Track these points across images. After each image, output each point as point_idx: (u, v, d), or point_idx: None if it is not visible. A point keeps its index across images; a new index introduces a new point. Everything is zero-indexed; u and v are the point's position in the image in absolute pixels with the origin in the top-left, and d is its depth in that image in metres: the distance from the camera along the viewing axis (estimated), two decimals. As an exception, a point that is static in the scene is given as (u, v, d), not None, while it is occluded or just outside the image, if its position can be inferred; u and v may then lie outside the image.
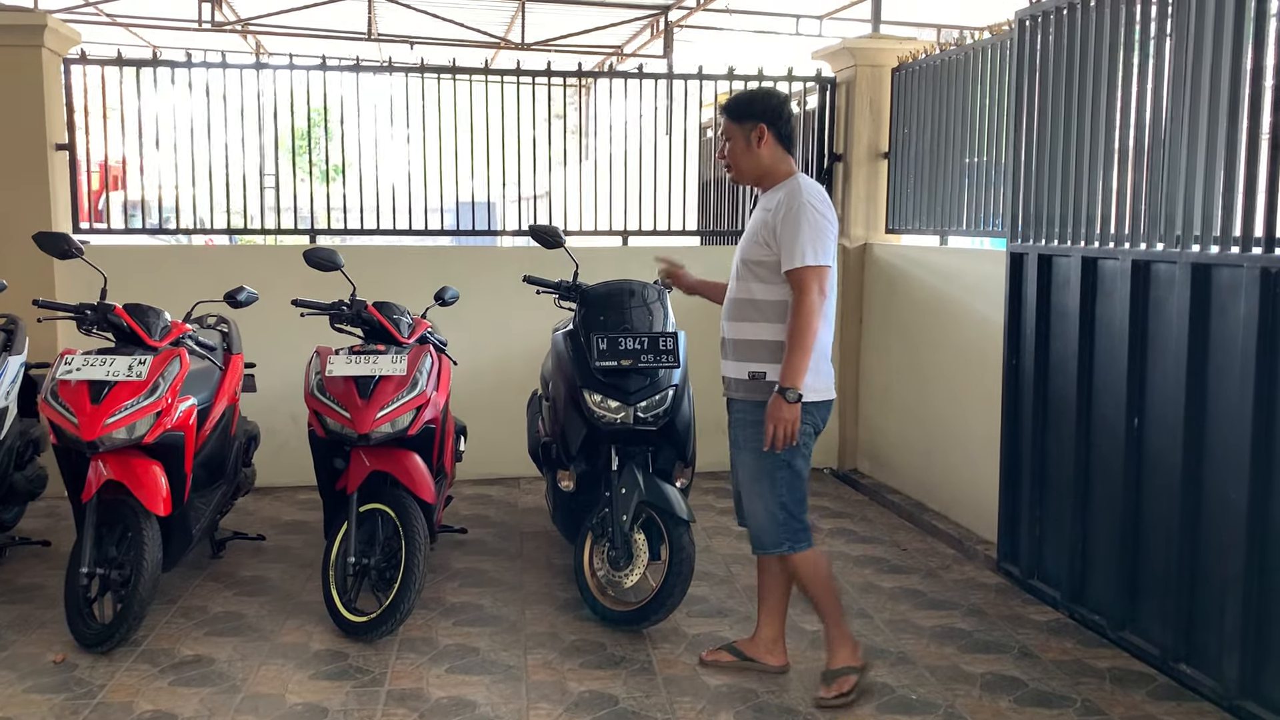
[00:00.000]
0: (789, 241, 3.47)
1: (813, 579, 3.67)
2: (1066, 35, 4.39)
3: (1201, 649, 3.72)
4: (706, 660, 3.90)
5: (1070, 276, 4.35)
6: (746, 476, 3.64)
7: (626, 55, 15.09)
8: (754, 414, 3.55)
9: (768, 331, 3.58)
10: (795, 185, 3.56)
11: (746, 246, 3.66)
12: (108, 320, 4.20)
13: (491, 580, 4.80)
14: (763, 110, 3.64)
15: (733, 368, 3.68)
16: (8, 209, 5.88)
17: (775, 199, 3.58)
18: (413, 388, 4.18)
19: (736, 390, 3.67)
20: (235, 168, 6.43)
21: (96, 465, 4.00)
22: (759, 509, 3.61)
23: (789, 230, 3.47)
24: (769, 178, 3.67)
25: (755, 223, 3.65)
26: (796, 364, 3.42)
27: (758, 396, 3.56)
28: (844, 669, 3.65)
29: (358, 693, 3.65)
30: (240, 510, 5.83)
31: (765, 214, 3.60)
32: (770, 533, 3.61)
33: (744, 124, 3.65)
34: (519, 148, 6.71)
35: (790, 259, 3.46)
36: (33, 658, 3.92)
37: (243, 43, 15.08)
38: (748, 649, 3.87)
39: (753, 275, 3.61)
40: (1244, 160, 3.46)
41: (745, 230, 3.74)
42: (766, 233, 3.55)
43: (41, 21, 5.82)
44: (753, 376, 3.59)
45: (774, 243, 3.52)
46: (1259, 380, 3.38)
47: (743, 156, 3.67)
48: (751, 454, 3.59)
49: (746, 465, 3.63)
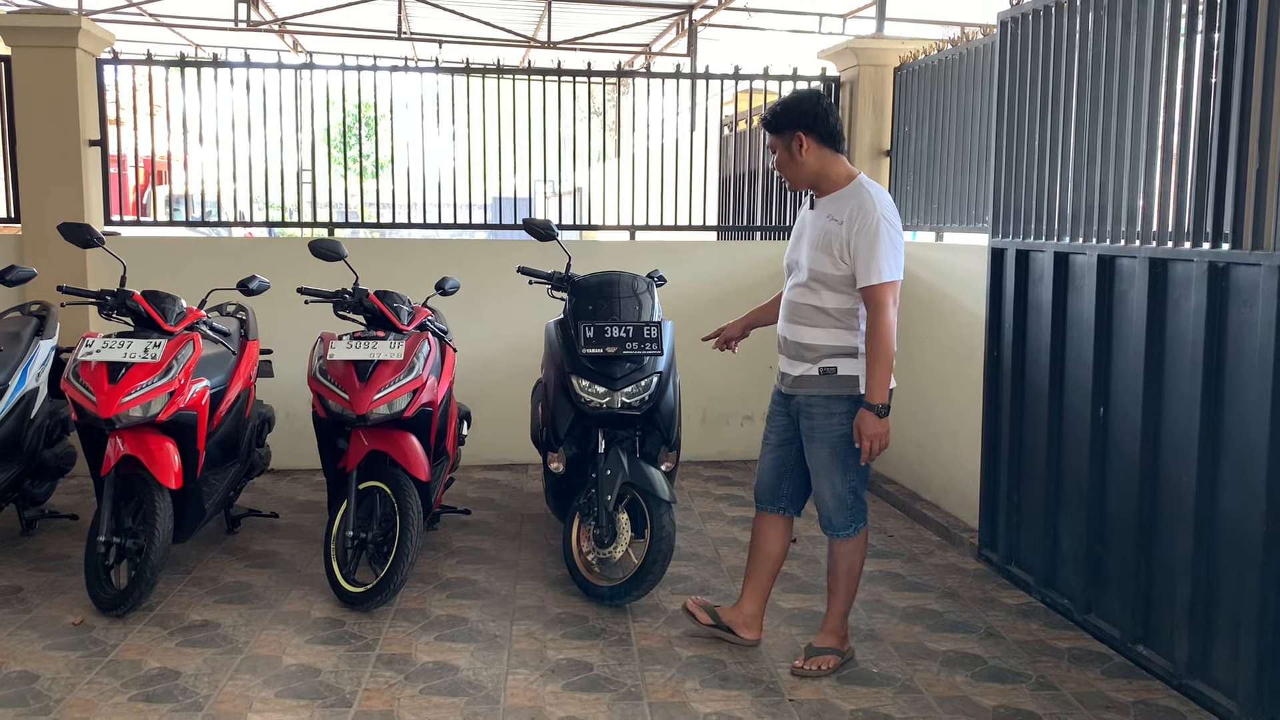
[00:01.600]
0: (865, 257, 3.53)
1: (856, 561, 3.86)
2: (1043, 37, 4.53)
3: (1156, 630, 3.86)
4: (689, 607, 4.11)
5: (1044, 271, 4.50)
6: (819, 465, 3.75)
7: (653, 54, 15.29)
8: (827, 406, 3.68)
9: (839, 337, 3.68)
10: (865, 195, 3.60)
11: (816, 257, 3.66)
12: (126, 306, 4.47)
13: (488, 558, 5.03)
14: (797, 118, 3.65)
15: (802, 366, 3.74)
16: (44, 202, 6.20)
17: (845, 209, 3.60)
18: (409, 372, 4.42)
19: (806, 386, 3.73)
20: (272, 164, 6.72)
21: (114, 441, 4.28)
22: (829, 495, 3.75)
23: (865, 246, 3.53)
24: (825, 181, 3.69)
25: (823, 233, 3.65)
26: (882, 378, 3.55)
27: (830, 390, 3.68)
28: (830, 649, 3.83)
29: (349, 656, 3.89)
30: (257, 490, 6.13)
31: (835, 225, 3.61)
32: (841, 515, 3.76)
33: (783, 135, 3.68)
34: (559, 145, 6.94)
35: (868, 276, 3.53)
36: (54, 620, 4.20)
37: (279, 41, 15.45)
38: (726, 615, 4.05)
39: (824, 285, 3.66)
40: (1194, 158, 3.60)
41: (807, 235, 3.75)
42: (840, 247, 3.58)
43: (75, 24, 6.13)
44: (824, 372, 3.68)
45: (848, 257, 3.57)
46: (1206, 370, 3.52)
47: (789, 167, 3.70)
48: (825, 445, 3.71)
49: (819, 454, 3.74)
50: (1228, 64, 3.45)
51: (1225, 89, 3.46)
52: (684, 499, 6.11)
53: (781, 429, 3.91)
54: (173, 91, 6.64)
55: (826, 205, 3.69)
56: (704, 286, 6.93)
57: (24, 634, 4.06)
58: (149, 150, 6.82)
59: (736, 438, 7.12)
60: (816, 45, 8.37)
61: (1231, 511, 3.47)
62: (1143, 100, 3.89)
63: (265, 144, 6.70)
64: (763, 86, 7.37)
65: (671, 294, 6.44)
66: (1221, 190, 3.47)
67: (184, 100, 6.60)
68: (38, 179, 6.23)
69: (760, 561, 4.02)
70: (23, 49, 6.15)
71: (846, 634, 3.91)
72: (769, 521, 3.99)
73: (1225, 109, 3.46)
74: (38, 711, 3.43)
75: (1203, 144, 3.57)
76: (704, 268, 7.01)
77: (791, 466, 3.91)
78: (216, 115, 6.68)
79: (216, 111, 6.68)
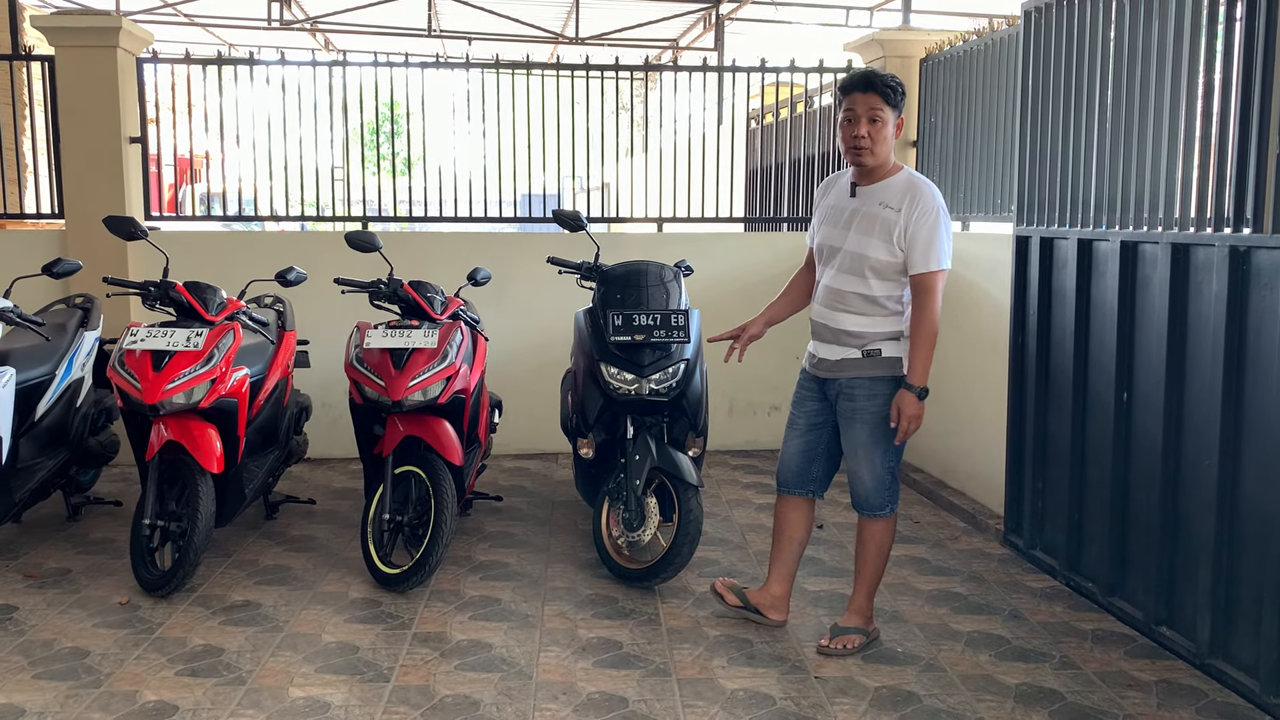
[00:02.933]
0: (924, 246, 3.59)
1: (886, 543, 3.92)
2: (1067, 26, 4.57)
3: (1179, 612, 3.90)
4: (717, 589, 4.18)
5: (1068, 258, 4.54)
6: (859, 446, 3.80)
7: (681, 49, 15.36)
8: (870, 388, 3.74)
9: (884, 324, 3.73)
10: (922, 184, 3.66)
11: (866, 243, 3.67)
12: (169, 296, 4.60)
13: (520, 542, 5.14)
14: (904, 103, 3.70)
15: (843, 350, 3.77)
16: (86, 198, 6.37)
17: (901, 197, 3.63)
18: (443, 359, 4.53)
19: (849, 369, 3.77)
20: (306, 160, 6.87)
21: (158, 427, 4.41)
22: (868, 475, 3.80)
23: (925, 233, 3.58)
24: (883, 168, 3.71)
25: (874, 219, 3.66)
26: (926, 362, 3.63)
27: (873, 372, 3.74)
28: (855, 629, 3.90)
29: (386, 634, 4.01)
30: (294, 477, 6.27)
31: (892, 212, 3.63)
32: (878, 495, 3.82)
33: (895, 111, 3.66)
34: (588, 140, 7.04)
35: (925, 263, 3.59)
36: (102, 599, 4.35)
37: (311, 40, 15.65)
38: (754, 597, 4.12)
39: (873, 273, 3.68)
40: (1215, 144, 3.64)
41: (853, 221, 3.73)
42: (898, 234, 3.61)
43: (116, 24, 6.29)
44: (867, 354, 3.73)
45: (904, 244, 3.61)
46: (1228, 354, 3.56)
47: (886, 143, 3.67)
48: (866, 425, 3.76)
49: (860, 435, 3.78)
50: (1249, 51, 3.49)
51: (1246, 75, 3.50)
52: (712, 487, 6.19)
53: (813, 413, 3.95)
54: (209, 90, 6.79)
55: (875, 192, 3.70)
56: (730, 277, 7.00)
57: (74, 613, 4.21)
58: (186, 148, 6.98)
59: (764, 427, 7.19)
60: (843, 38, 8.42)
61: (1253, 494, 3.50)
62: (1165, 87, 3.93)
63: (300, 140, 6.84)
64: (789, 79, 7.43)
65: (698, 285, 6.51)
66: (1243, 175, 3.51)
67: (220, 98, 6.75)
68: (81, 175, 6.41)
69: (785, 544, 4.09)
70: (66, 49, 6.32)
71: (872, 615, 3.97)
72: (793, 504, 4.05)
73: (1246, 95, 3.50)
74: (89, 684, 3.57)
75: (1224, 130, 3.60)
76: (730, 259, 7.08)
77: (822, 450, 3.97)
78: (251, 113, 6.83)
79: (251, 109, 6.83)
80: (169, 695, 3.49)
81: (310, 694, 3.51)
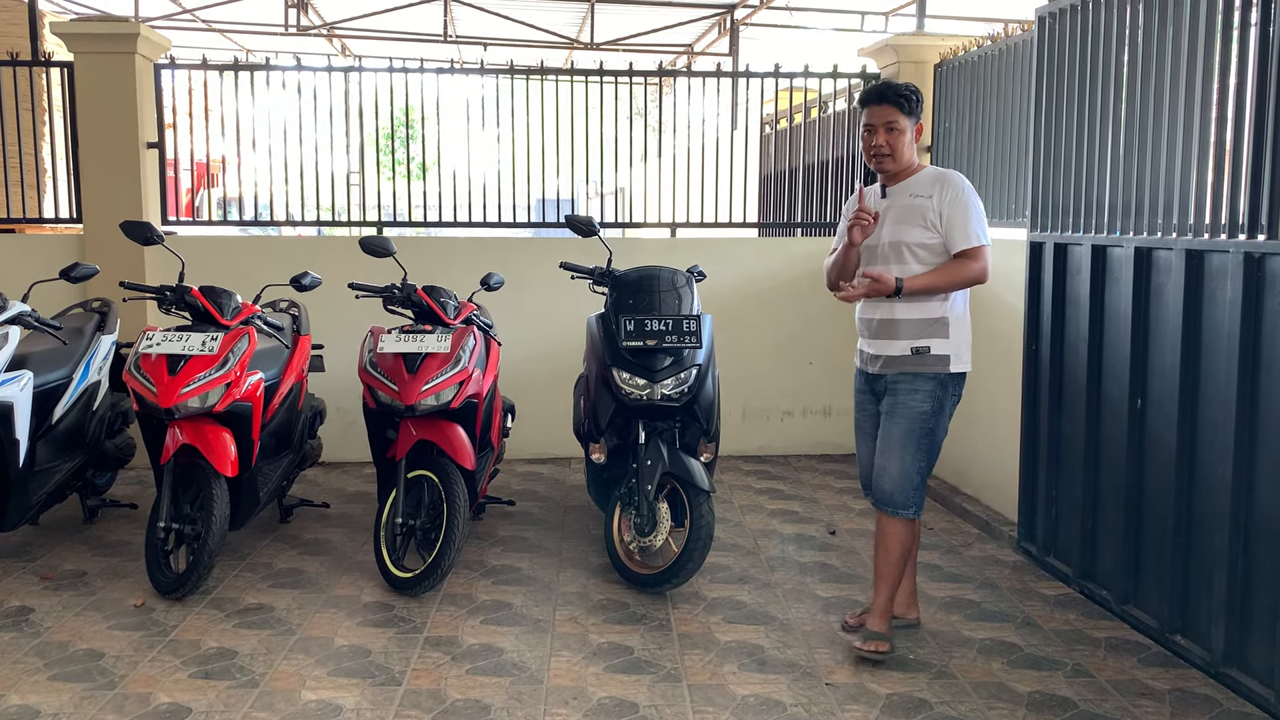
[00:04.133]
0: (962, 223, 3.74)
1: (907, 546, 3.92)
2: (1081, 31, 4.56)
3: (1194, 620, 3.88)
4: (850, 623, 4.12)
5: (1082, 264, 4.52)
6: (892, 439, 3.84)
7: (695, 54, 15.37)
8: (913, 384, 3.81)
9: (929, 310, 3.81)
10: (946, 172, 3.86)
11: (901, 230, 3.81)
12: (185, 300, 4.64)
13: (532, 547, 5.15)
14: (921, 109, 3.88)
15: (893, 345, 3.85)
16: (104, 202, 6.42)
17: (928, 186, 3.81)
18: (455, 364, 4.54)
19: (896, 366, 3.85)
20: (322, 165, 6.91)
21: (173, 431, 4.45)
22: (896, 470, 3.83)
23: (960, 212, 3.74)
24: (908, 170, 3.88)
25: (906, 209, 3.82)
26: (929, 285, 3.74)
27: (920, 369, 3.81)
28: (881, 634, 3.87)
29: (399, 638, 4.02)
30: (309, 481, 6.30)
31: (923, 199, 3.79)
32: (904, 493, 3.84)
33: (911, 118, 3.85)
34: (602, 145, 7.06)
35: (966, 239, 3.73)
36: (117, 602, 4.38)
37: (327, 46, 15.74)
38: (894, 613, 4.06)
39: (915, 258, 3.80)
40: (1230, 151, 3.62)
41: (884, 218, 3.86)
42: (933, 216, 3.76)
43: (134, 30, 6.34)
44: (916, 352, 3.81)
45: (940, 225, 3.76)
46: (1242, 360, 3.54)
47: (907, 149, 3.85)
48: (903, 420, 3.82)
49: (895, 429, 3.83)
50: (1264, 56, 3.47)
51: (1261, 81, 3.48)
52: (724, 492, 6.19)
53: (874, 415, 4.00)
54: (226, 95, 6.84)
55: (906, 187, 3.86)
56: (744, 283, 7.01)
57: (89, 615, 4.24)
58: (203, 153, 7.03)
59: (777, 433, 7.19)
60: (858, 43, 8.41)
61: (1268, 501, 3.48)
62: (1179, 93, 3.91)
63: (315, 146, 6.88)
64: (803, 84, 7.43)
65: (712, 290, 6.53)
66: (1257, 181, 3.49)
67: (236, 104, 6.80)
68: (99, 180, 6.46)
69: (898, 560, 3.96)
70: (85, 55, 6.38)
71: (890, 619, 3.96)
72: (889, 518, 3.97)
73: (1261, 100, 3.48)
74: (104, 686, 3.60)
75: (1238, 135, 3.59)
76: (744, 264, 7.08)
77: None
78: (268, 118, 6.87)
79: (268, 115, 6.87)
80: (182, 697, 3.51)
81: (322, 697, 3.53)
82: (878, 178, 3.98)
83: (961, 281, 3.77)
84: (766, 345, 7.09)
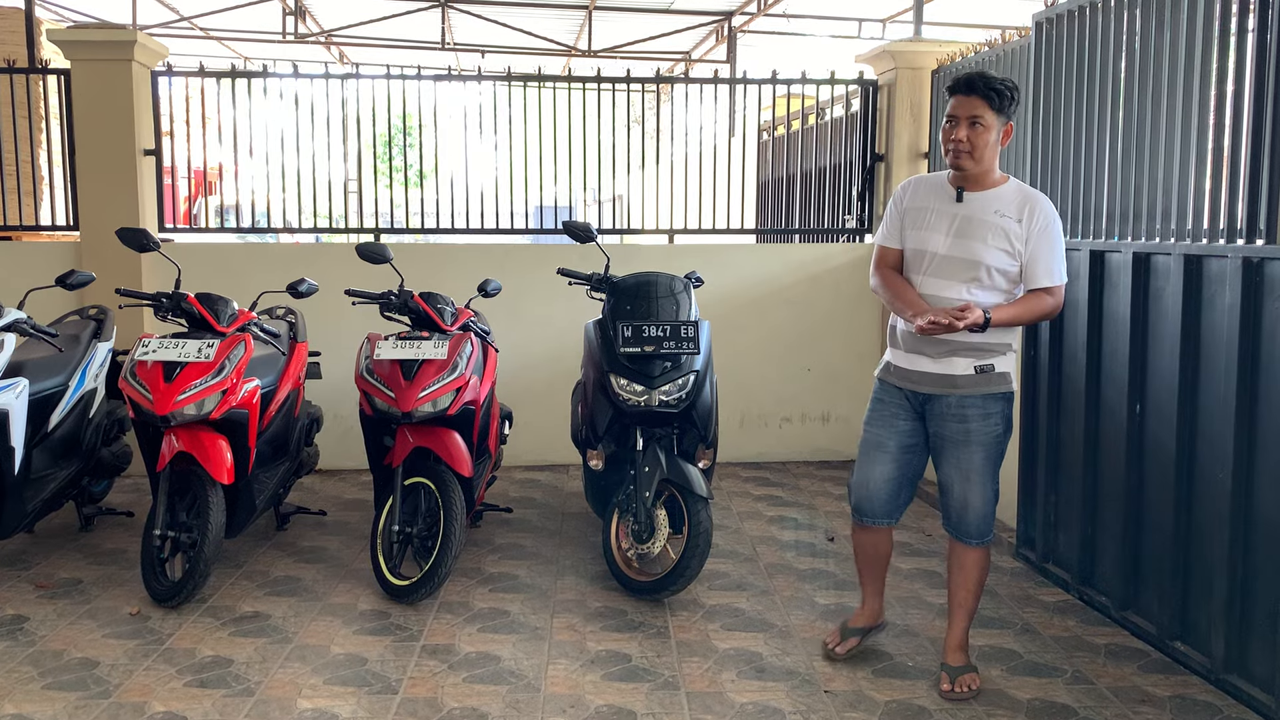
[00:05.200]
0: (1047, 258, 3.47)
1: (985, 568, 3.73)
2: (1078, 37, 4.56)
3: (1194, 627, 3.86)
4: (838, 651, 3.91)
5: (1080, 269, 4.51)
6: (972, 470, 3.58)
7: (693, 61, 15.39)
8: (984, 407, 3.55)
9: (995, 334, 3.53)
10: (1037, 196, 3.53)
11: (980, 250, 3.48)
12: (181, 308, 4.63)
13: (529, 554, 5.13)
14: (1015, 110, 3.51)
15: (956, 364, 3.56)
16: (101, 209, 6.41)
17: (1017, 207, 3.49)
18: (452, 371, 4.53)
19: (961, 386, 3.56)
20: (320, 172, 6.89)
21: (169, 438, 4.43)
22: (979, 501, 3.60)
23: (1047, 246, 3.47)
24: (990, 176, 3.54)
25: (986, 226, 3.49)
26: (1014, 317, 3.47)
27: (989, 389, 3.55)
28: (968, 667, 3.69)
29: (395, 646, 4.00)
30: (306, 488, 6.29)
31: (1010, 221, 3.47)
32: (987, 521, 3.63)
33: (1001, 116, 3.46)
34: (599, 152, 7.05)
35: (1050, 276, 3.48)
36: (112, 610, 4.36)
37: (325, 53, 15.75)
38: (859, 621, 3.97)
39: (991, 280, 3.50)
40: (1227, 155, 3.62)
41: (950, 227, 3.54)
42: (1019, 243, 3.47)
43: (131, 38, 6.34)
44: (980, 370, 3.55)
45: (1025, 254, 3.48)
46: (1241, 365, 3.53)
47: (989, 149, 3.47)
48: (981, 448, 3.57)
49: (975, 459, 3.58)
50: (1261, 61, 3.47)
51: (1259, 86, 3.48)
52: (723, 499, 6.17)
53: (906, 433, 3.69)
54: (223, 103, 6.83)
55: (988, 200, 3.52)
56: (742, 289, 7.00)
57: (84, 623, 4.22)
58: (200, 160, 7.03)
59: (775, 439, 7.18)
60: (855, 49, 8.43)
61: (1268, 507, 3.47)
62: (1176, 99, 3.91)
63: (313, 153, 6.87)
64: (800, 91, 7.43)
65: (710, 296, 6.53)
66: (1255, 186, 3.50)
67: (234, 111, 6.79)
68: (95, 188, 6.45)
69: (874, 567, 3.94)
70: (82, 62, 6.37)
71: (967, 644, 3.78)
72: (879, 533, 3.86)
73: (1259, 105, 3.48)
74: (98, 695, 3.57)
75: (1235, 140, 3.59)
76: (742, 270, 7.07)
77: (912, 476, 3.76)
78: (266, 126, 6.87)
79: (266, 122, 6.87)
80: (178, 706, 3.49)
81: (318, 705, 3.51)
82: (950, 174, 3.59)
83: (1039, 318, 3.56)
84: (765, 351, 7.08)
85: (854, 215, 7.27)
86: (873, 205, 7.19)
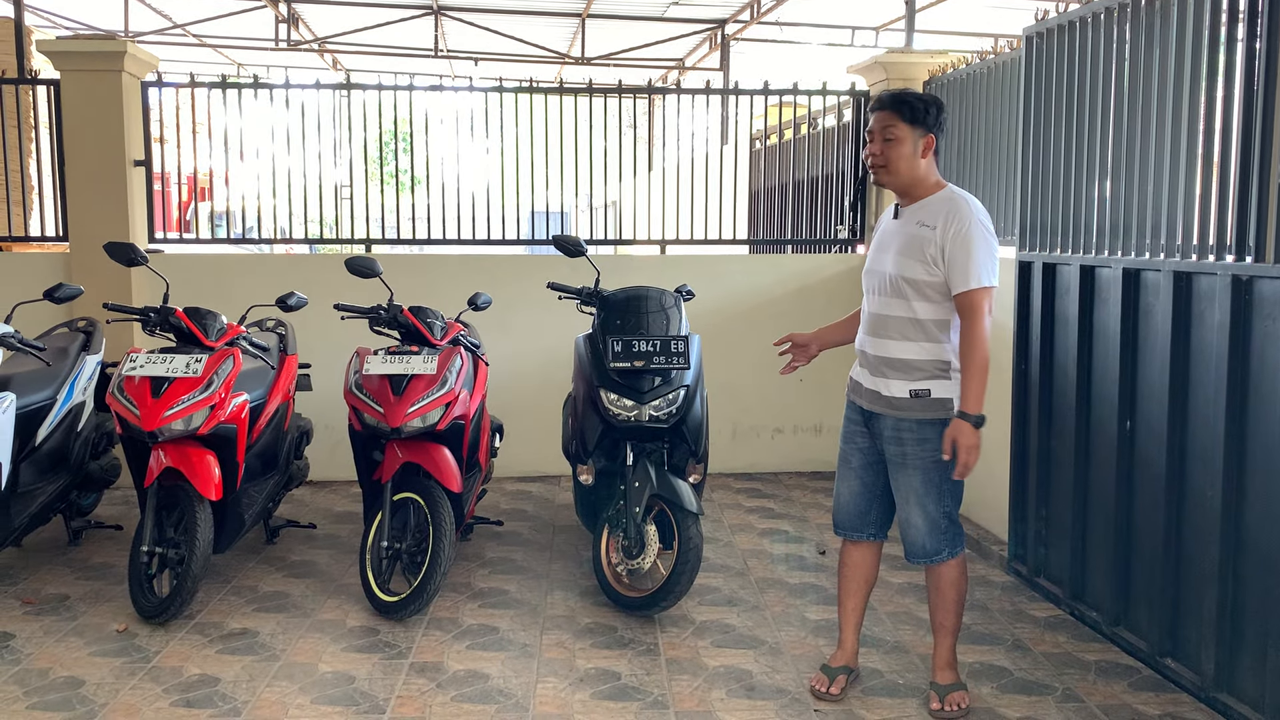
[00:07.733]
0: (962, 263, 3.37)
1: (961, 586, 3.65)
2: (1068, 52, 4.56)
3: (1184, 643, 3.86)
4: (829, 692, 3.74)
5: (1070, 284, 4.51)
6: (910, 492, 3.55)
7: (686, 69, 15.40)
8: (919, 432, 3.49)
9: (929, 351, 3.49)
10: (959, 201, 3.45)
11: (904, 264, 3.47)
12: (169, 322, 4.61)
13: (520, 568, 5.11)
14: (935, 121, 3.48)
15: (892, 385, 3.53)
16: (89, 221, 6.39)
17: (937, 215, 3.44)
18: (442, 386, 4.51)
19: (896, 409, 3.52)
20: (311, 181, 6.87)
21: (157, 454, 4.40)
22: (921, 522, 3.55)
23: (961, 251, 3.37)
24: (920, 188, 3.51)
25: (911, 239, 3.47)
26: (979, 389, 3.37)
27: (923, 415, 3.49)
28: (957, 685, 3.67)
29: (383, 664, 3.98)
30: (296, 501, 6.26)
31: (926, 230, 3.44)
32: (933, 541, 3.55)
33: (916, 128, 3.45)
34: (591, 161, 7.05)
35: (965, 281, 3.37)
36: (99, 627, 4.33)
37: (318, 60, 15.73)
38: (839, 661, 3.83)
39: (916, 294, 3.47)
40: (1218, 172, 3.62)
41: (892, 243, 3.55)
42: (934, 251, 3.41)
43: (121, 48, 6.32)
44: (915, 395, 3.49)
45: (941, 263, 3.41)
46: (1230, 383, 3.53)
47: (905, 162, 3.46)
48: (919, 470, 3.51)
49: (912, 482, 3.53)
50: (1250, 77, 3.47)
51: (1248, 102, 3.48)
52: (714, 511, 6.16)
53: (865, 450, 3.69)
54: (215, 112, 6.81)
55: (915, 212, 3.51)
56: (734, 300, 6.99)
57: (70, 641, 4.19)
58: (192, 169, 7.01)
59: (767, 450, 7.16)
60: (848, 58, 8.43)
61: (1257, 524, 3.46)
62: (1166, 115, 3.91)
63: (304, 162, 6.85)
64: (792, 101, 7.43)
65: (702, 307, 6.51)
66: (1245, 203, 3.49)
67: (226, 120, 6.77)
68: (84, 199, 6.42)
69: (852, 592, 3.82)
70: (71, 73, 6.35)
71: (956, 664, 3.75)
72: (861, 549, 3.79)
73: (1248, 121, 3.48)
74: (83, 716, 3.55)
75: (1225, 156, 3.58)
76: (734, 282, 7.06)
77: (880, 492, 3.70)
78: (257, 135, 6.86)
79: (257, 131, 6.85)
80: (163, 727, 3.47)
81: (305, 726, 3.49)
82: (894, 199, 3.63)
83: (984, 348, 3.39)
84: (757, 362, 7.04)
85: (846, 225, 7.27)
86: (865, 215, 7.18)
